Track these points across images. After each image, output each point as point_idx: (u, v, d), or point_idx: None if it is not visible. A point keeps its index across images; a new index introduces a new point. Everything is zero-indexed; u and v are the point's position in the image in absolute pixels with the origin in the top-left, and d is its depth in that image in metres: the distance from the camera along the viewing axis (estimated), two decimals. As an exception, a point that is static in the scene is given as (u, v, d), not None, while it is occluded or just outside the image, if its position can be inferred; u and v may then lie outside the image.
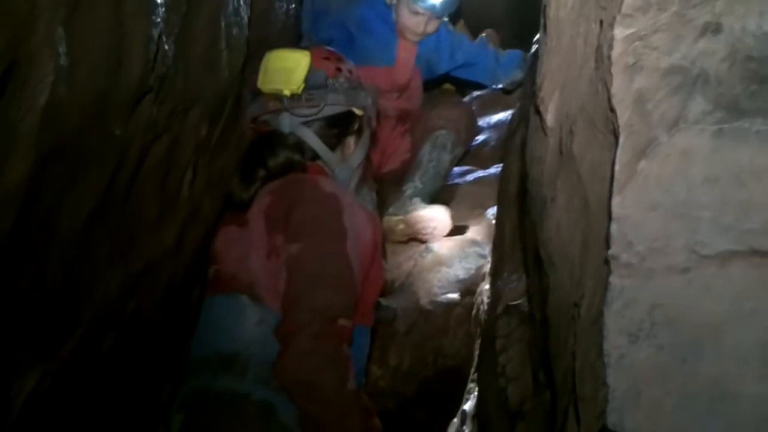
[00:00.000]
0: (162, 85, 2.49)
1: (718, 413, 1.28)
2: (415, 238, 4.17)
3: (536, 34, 2.71)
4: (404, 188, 4.38)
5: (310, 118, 2.56)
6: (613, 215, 1.38)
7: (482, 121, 5.08)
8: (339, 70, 2.66)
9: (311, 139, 2.55)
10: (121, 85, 2.21)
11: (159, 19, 2.35)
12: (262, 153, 2.52)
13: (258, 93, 2.64)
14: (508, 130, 3.23)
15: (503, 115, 4.95)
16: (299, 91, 2.54)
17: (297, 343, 2.09)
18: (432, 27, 4.66)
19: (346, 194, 2.42)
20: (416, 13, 4.56)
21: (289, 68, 2.59)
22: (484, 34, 5.49)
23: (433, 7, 4.52)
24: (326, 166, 2.58)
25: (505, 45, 5.53)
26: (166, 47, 2.45)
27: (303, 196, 2.33)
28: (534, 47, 2.97)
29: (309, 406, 2.16)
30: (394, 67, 4.68)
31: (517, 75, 4.73)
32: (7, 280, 2.00)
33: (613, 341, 1.35)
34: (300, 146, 2.54)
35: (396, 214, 4.20)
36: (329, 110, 2.59)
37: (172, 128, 2.66)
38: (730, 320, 1.31)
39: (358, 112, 2.67)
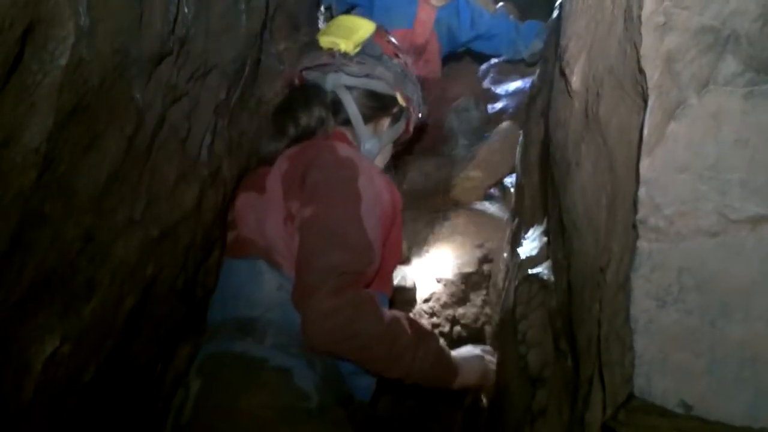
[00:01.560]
0: (182, 47, 2.48)
1: (748, 377, 1.27)
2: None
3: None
4: (453, 152, 4.38)
5: (354, 83, 2.56)
6: (642, 178, 1.36)
7: (500, 89, 5.05)
8: (397, 56, 2.69)
9: (348, 102, 2.56)
10: (142, 46, 2.21)
11: (179, -19, 2.34)
12: (297, 108, 2.52)
13: (313, 47, 2.69)
14: (528, 95, 3.21)
15: (521, 83, 4.93)
16: (353, 51, 2.55)
17: (317, 305, 2.08)
18: None
19: (364, 160, 2.40)
20: None
21: (353, 27, 2.65)
22: (501, 3, 5.46)
23: None
24: (354, 134, 2.57)
25: (523, 14, 5.50)
26: (186, 9, 2.44)
27: (318, 162, 2.31)
28: (556, 12, 2.92)
29: (358, 355, 2.18)
30: (413, 29, 4.65)
31: (538, 45, 4.67)
32: (25, 243, 2.00)
33: (641, 306, 1.34)
34: (335, 107, 2.54)
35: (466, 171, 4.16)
36: (374, 84, 2.60)
37: (191, 91, 2.65)
38: (760, 283, 1.30)
39: (401, 100, 2.67)
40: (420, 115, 2.82)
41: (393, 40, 2.81)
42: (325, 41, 2.64)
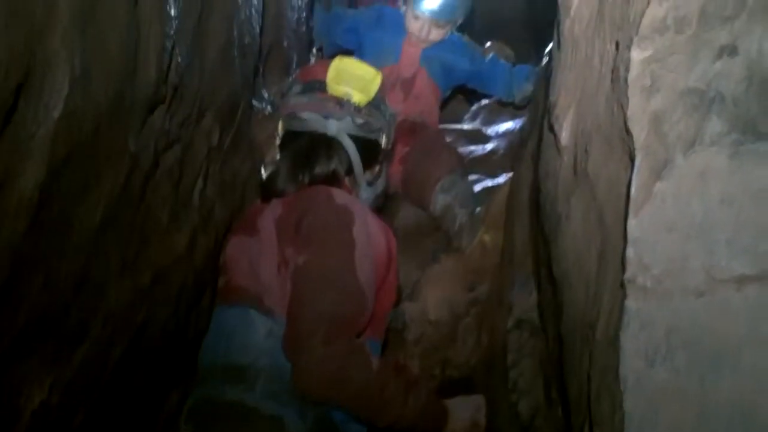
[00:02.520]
0: (175, 94, 2.49)
1: (738, 433, 1.28)
2: None
3: (542, 44, 2.71)
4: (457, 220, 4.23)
5: (356, 133, 2.55)
6: (629, 238, 1.38)
7: (490, 130, 5.05)
8: (384, 99, 2.68)
9: (353, 151, 2.54)
10: (135, 94, 2.22)
11: (172, 30, 2.36)
12: (317, 155, 2.50)
13: (312, 88, 2.62)
14: (519, 138, 3.22)
15: (512, 124, 4.93)
16: (365, 104, 2.55)
17: (308, 353, 2.08)
18: (435, 35, 4.62)
19: (359, 205, 2.40)
20: (416, 17, 4.56)
21: (366, 78, 2.61)
22: (488, 45, 5.47)
23: (429, 11, 4.50)
24: (354, 182, 2.57)
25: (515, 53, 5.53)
26: (179, 57, 2.46)
27: (313, 207, 2.32)
28: (545, 59, 2.95)
29: (348, 404, 2.17)
30: (398, 63, 4.66)
31: (528, 89, 4.67)
32: (17, 288, 2.00)
33: (630, 365, 1.35)
34: (341, 157, 2.52)
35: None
36: (375, 134, 2.59)
37: (184, 136, 2.67)
38: (747, 342, 1.31)
39: (386, 144, 2.67)
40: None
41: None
42: (337, 90, 2.58)
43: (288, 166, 2.49)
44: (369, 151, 2.59)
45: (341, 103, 2.52)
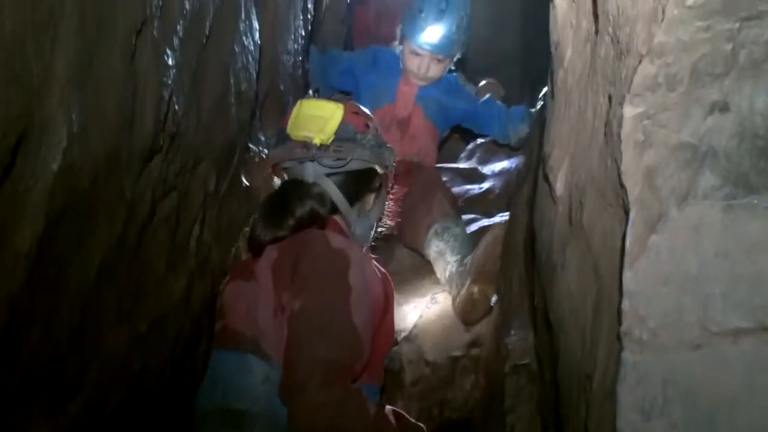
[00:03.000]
0: (172, 142, 2.51)
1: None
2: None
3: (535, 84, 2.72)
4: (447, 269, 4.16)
5: (334, 170, 2.55)
6: (625, 290, 1.38)
7: (486, 169, 5.07)
8: (367, 126, 2.66)
9: (333, 191, 2.54)
10: (133, 145, 2.24)
11: (170, 80, 2.37)
12: (292, 199, 2.51)
13: (284, 138, 2.63)
14: (515, 180, 3.23)
15: (507, 163, 4.95)
16: (329, 141, 2.54)
17: (304, 400, 2.08)
18: (434, 71, 4.64)
19: (355, 249, 2.41)
20: (416, 53, 4.57)
21: (322, 117, 2.57)
22: (482, 83, 5.49)
23: (429, 45, 4.53)
24: (344, 220, 2.58)
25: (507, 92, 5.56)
26: (177, 106, 2.47)
27: (309, 252, 2.32)
28: (540, 103, 2.97)
29: None
30: (394, 103, 4.68)
31: (524, 130, 4.68)
32: (14, 341, 2.00)
33: (627, 418, 1.35)
34: (322, 198, 2.53)
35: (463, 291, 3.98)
36: (354, 164, 2.59)
37: (180, 183, 2.68)
38: (744, 396, 1.32)
39: (379, 170, 2.66)
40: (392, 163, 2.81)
41: (361, 108, 2.82)
42: (297, 135, 2.58)
43: (263, 218, 2.50)
44: (354, 183, 2.60)
45: (307, 146, 2.53)
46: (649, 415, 1.34)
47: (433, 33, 4.52)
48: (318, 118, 2.56)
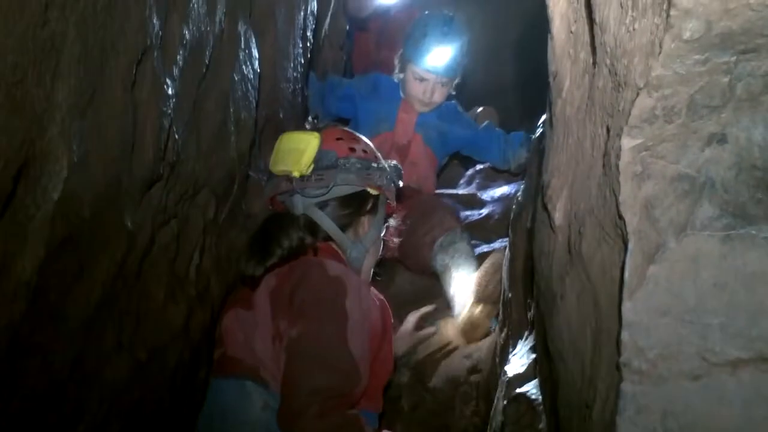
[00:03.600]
0: (172, 171, 2.51)
1: None
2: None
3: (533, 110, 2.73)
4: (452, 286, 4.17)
5: (321, 199, 2.57)
6: (624, 321, 1.39)
7: (486, 195, 5.08)
8: (352, 150, 2.67)
9: (323, 220, 2.57)
10: (133, 174, 2.24)
11: (170, 109, 2.38)
12: (275, 232, 2.53)
13: (271, 174, 2.66)
14: (514, 209, 3.23)
15: (507, 189, 4.96)
16: (308, 171, 2.56)
17: (303, 426, 2.09)
18: (438, 95, 4.65)
19: (353, 277, 2.42)
20: (421, 78, 4.58)
21: (298, 149, 2.60)
22: (479, 110, 5.51)
23: (434, 69, 4.54)
24: (339, 246, 2.59)
25: (503, 118, 5.58)
26: (177, 135, 2.48)
27: (306, 280, 2.33)
28: (539, 130, 2.97)
29: None
30: (393, 130, 4.69)
31: (523, 156, 4.68)
32: (14, 370, 2.00)
33: (626, 449, 1.35)
34: (312, 227, 2.55)
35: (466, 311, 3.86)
36: (340, 190, 2.61)
37: (180, 212, 2.68)
38: (743, 427, 1.32)
39: (372, 191, 2.67)
40: (395, 185, 2.82)
41: (344, 130, 2.84)
42: (277, 171, 2.66)
43: (247, 254, 2.53)
44: (343, 208, 2.62)
45: (289, 179, 2.56)
46: (649, 446, 1.34)
47: (438, 56, 4.54)
48: (294, 151, 2.59)
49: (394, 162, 2.87)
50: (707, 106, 1.32)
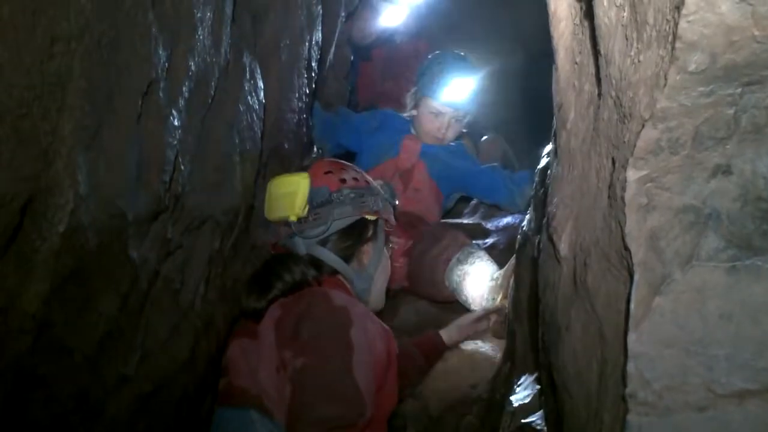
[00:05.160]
0: (177, 203, 2.52)
1: None
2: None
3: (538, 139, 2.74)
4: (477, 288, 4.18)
5: (322, 237, 2.58)
6: (630, 353, 1.39)
7: (491, 224, 5.08)
8: (343, 181, 2.68)
9: (327, 257, 2.58)
10: (138, 206, 2.25)
11: (176, 141, 2.39)
12: (277, 268, 2.54)
13: (268, 221, 2.68)
14: (519, 239, 3.23)
15: (511, 219, 4.96)
16: (304, 213, 2.57)
17: None
18: (452, 131, 4.67)
19: (358, 307, 2.42)
20: (437, 113, 4.60)
21: (290, 193, 2.62)
22: (484, 138, 5.53)
23: (452, 102, 4.55)
24: (345, 279, 2.60)
25: (513, 147, 5.60)
26: (182, 167, 2.49)
27: (311, 311, 2.34)
28: (543, 160, 2.98)
29: None
30: (397, 156, 4.69)
31: (530, 194, 4.67)
32: (18, 405, 2.00)
33: (633, 481, 1.35)
34: (316, 264, 2.55)
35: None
36: (339, 223, 2.62)
37: (185, 243, 2.69)
38: (749, 458, 1.32)
39: (369, 216, 2.68)
40: (391, 204, 2.82)
41: (331, 161, 2.85)
42: (273, 218, 2.69)
43: (247, 290, 2.54)
44: (345, 240, 2.63)
45: (287, 224, 2.58)
46: (656, 479, 1.34)
47: (455, 90, 4.58)
48: (286, 196, 2.61)
49: (382, 182, 2.88)
50: (712, 137, 1.33)
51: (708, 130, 1.33)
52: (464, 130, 4.90)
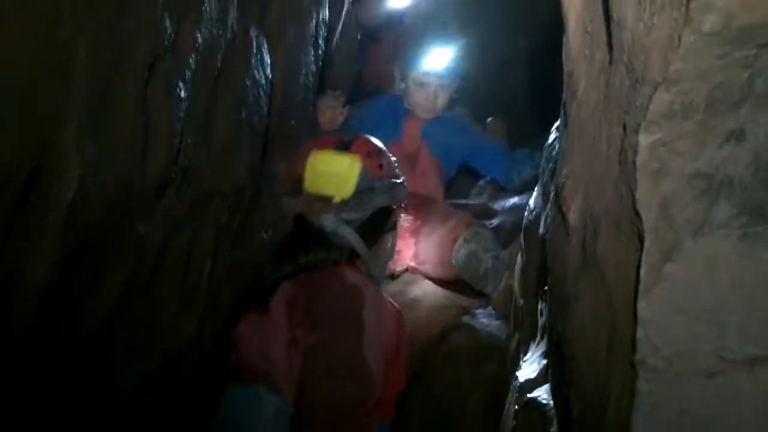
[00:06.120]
0: (184, 177, 2.51)
1: None
2: None
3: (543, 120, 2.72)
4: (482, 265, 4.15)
5: (354, 219, 2.54)
6: (639, 319, 1.38)
7: (497, 205, 5.06)
8: (381, 167, 2.63)
9: (354, 239, 2.52)
10: (145, 179, 2.24)
11: (182, 113, 2.38)
12: (304, 246, 2.49)
13: (300, 189, 2.58)
14: (526, 216, 3.22)
15: (518, 199, 4.94)
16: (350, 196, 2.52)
17: None
18: (441, 100, 4.66)
19: (371, 287, 2.40)
20: (422, 84, 4.61)
21: (340, 173, 2.51)
22: (489, 120, 5.51)
23: (434, 72, 4.58)
24: (363, 263, 2.56)
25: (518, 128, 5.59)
26: (189, 140, 2.48)
27: (325, 288, 2.32)
28: (552, 136, 2.95)
29: None
30: (401, 140, 4.68)
31: (529, 175, 4.69)
32: (27, 379, 1.99)
33: (641, 448, 1.34)
34: (340, 245, 2.51)
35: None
36: (371, 211, 2.58)
37: (193, 219, 2.68)
38: (759, 424, 1.31)
39: (394, 206, 2.65)
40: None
41: (371, 143, 2.78)
42: (315, 192, 2.51)
43: (273, 260, 2.49)
44: (372, 227, 2.59)
45: (325, 200, 2.50)
46: (665, 444, 1.34)
47: (435, 59, 4.59)
48: (336, 175, 2.50)
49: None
50: (726, 102, 1.31)
51: (722, 95, 1.31)
52: (455, 96, 4.89)
